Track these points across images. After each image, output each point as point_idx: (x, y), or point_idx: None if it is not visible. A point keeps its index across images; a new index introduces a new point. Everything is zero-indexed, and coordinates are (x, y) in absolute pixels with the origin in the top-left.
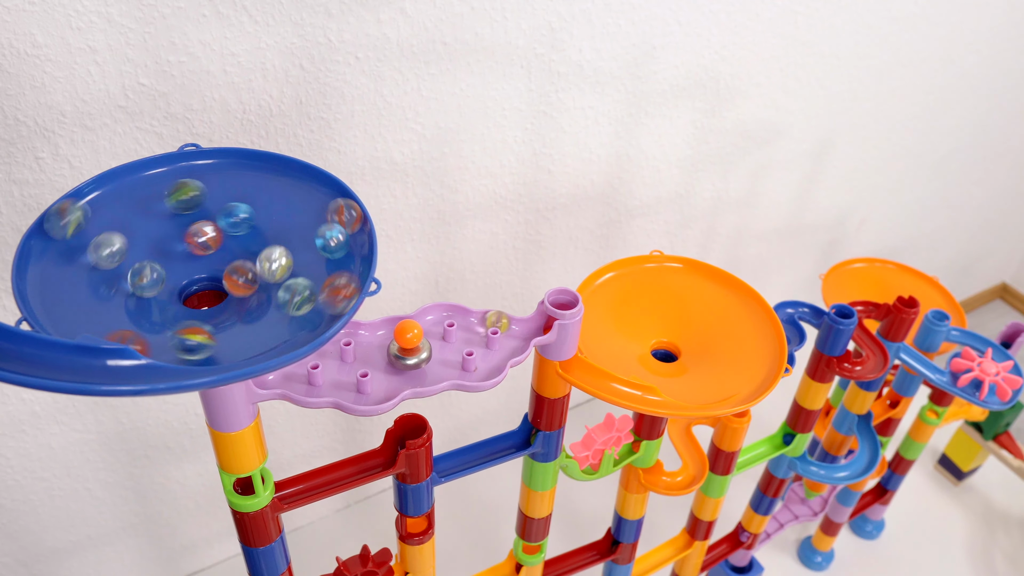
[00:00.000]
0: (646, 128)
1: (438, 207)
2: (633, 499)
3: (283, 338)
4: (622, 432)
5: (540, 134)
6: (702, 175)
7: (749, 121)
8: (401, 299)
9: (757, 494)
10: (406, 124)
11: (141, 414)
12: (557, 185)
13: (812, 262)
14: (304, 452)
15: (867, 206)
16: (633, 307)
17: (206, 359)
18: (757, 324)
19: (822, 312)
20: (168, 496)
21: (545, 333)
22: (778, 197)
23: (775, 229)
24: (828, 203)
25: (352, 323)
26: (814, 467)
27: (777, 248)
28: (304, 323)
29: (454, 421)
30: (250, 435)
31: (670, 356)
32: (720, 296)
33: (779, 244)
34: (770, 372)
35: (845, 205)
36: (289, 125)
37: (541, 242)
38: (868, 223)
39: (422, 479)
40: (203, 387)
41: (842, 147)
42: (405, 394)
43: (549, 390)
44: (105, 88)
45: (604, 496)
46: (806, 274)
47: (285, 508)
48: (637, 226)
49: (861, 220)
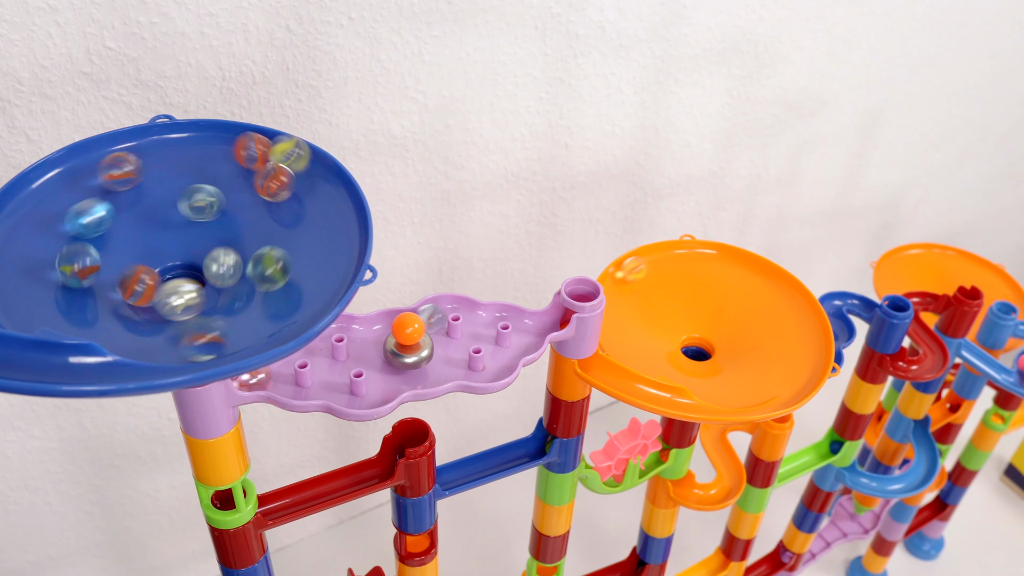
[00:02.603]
0: (676, 98)
1: (442, 186)
2: (661, 514)
3: (267, 332)
4: (648, 439)
5: (556, 104)
6: (738, 151)
7: (791, 90)
8: (400, 290)
9: (801, 509)
10: (406, 93)
11: (108, 419)
12: (576, 161)
13: (862, 248)
14: (291, 462)
15: (924, 185)
16: (661, 299)
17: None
18: (800, 318)
19: (873, 304)
20: (138, 511)
21: (562, 328)
22: (824, 175)
23: (821, 211)
24: (880, 182)
25: (345, 317)
26: (865, 478)
27: (823, 232)
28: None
29: (460, 427)
30: (230, 442)
31: (702, 354)
32: (759, 286)
33: (825, 228)
34: (815, 372)
35: (899, 184)
36: (274, 94)
37: (558, 226)
38: (925, 204)
39: (424, 492)
40: (176, 387)
41: (896, 119)
42: (404, 396)
43: (566, 392)
44: (67, 52)
45: (628, 511)
46: (855, 262)
47: (270, 525)
48: (665, 207)
49: (917, 201)
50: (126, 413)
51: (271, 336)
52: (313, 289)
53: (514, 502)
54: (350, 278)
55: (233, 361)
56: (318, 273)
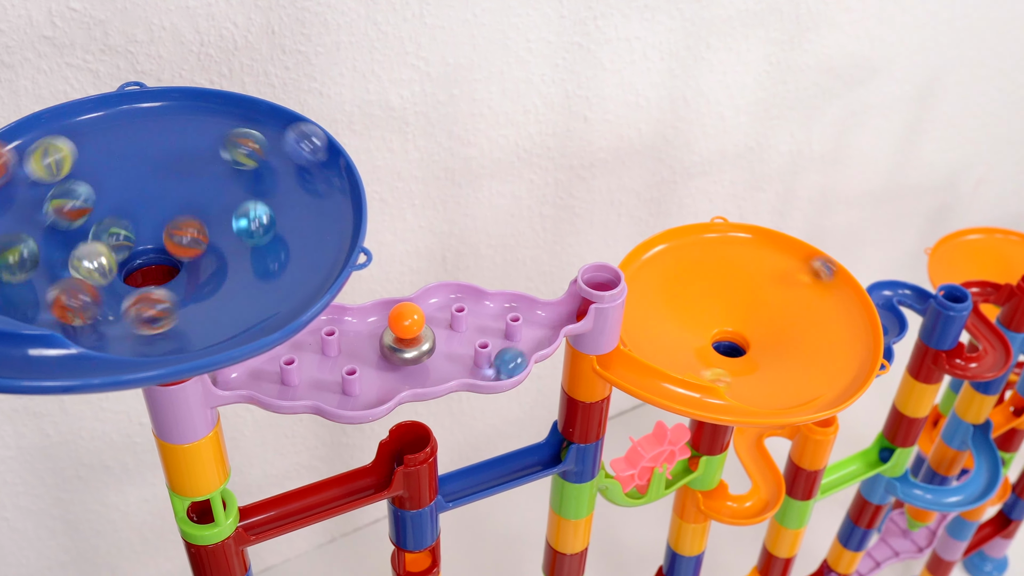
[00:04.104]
0: (708, 65)
1: (446, 164)
2: (690, 530)
3: (248, 323)
4: (676, 445)
5: (574, 72)
6: (778, 124)
7: (837, 56)
8: (399, 278)
9: (847, 524)
10: (405, 59)
11: (72, 423)
12: (596, 136)
13: (916, 233)
14: (276, 471)
15: (985, 163)
16: (690, 287)
17: (167, 336)
18: (846, 310)
19: (928, 295)
20: (106, 527)
21: (579, 320)
22: (873, 152)
23: (869, 192)
24: (936, 159)
25: (336, 307)
26: (918, 490)
27: (872, 215)
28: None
29: (465, 432)
30: (207, 448)
31: (736, 350)
32: (799, 274)
33: (874, 210)
34: (862, 370)
35: (957, 162)
36: (258, 61)
37: (575, 208)
38: (986, 184)
39: (425, 504)
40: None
41: (953, 88)
42: (403, 396)
43: (584, 392)
44: (27, 14)
45: (654, 527)
46: (908, 248)
47: (252, 541)
48: (696, 187)
49: (978, 180)
50: (92, 417)
51: (252, 327)
52: (300, 275)
53: (526, 516)
54: (341, 262)
55: (211, 354)
56: (306, 257)
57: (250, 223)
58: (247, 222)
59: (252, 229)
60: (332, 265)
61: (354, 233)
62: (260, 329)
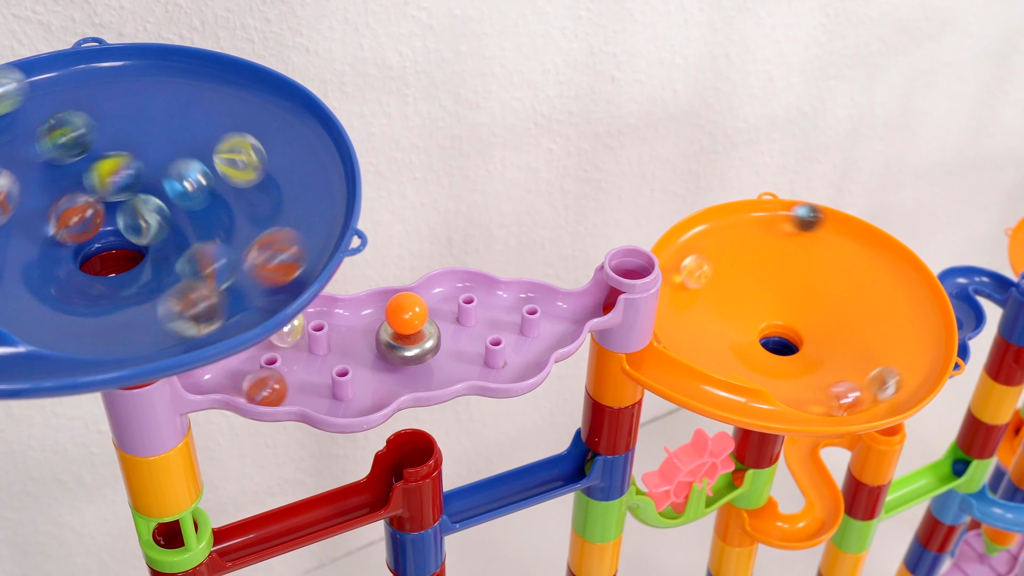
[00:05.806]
0: (754, 17)
1: (452, 131)
2: (735, 554)
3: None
4: (718, 457)
5: (600, 25)
6: (835, 85)
7: (902, 7)
8: (398, 264)
9: (915, 548)
10: (404, 11)
11: (20, 432)
12: (625, 100)
13: (995, 211)
14: (256, 487)
15: None
16: (734, 275)
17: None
18: (914, 300)
19: (1009, 283)
20: (59, 550)
21: (605, 313)
22: (946, 117)
23: (941, 163)
24: (1017, 126)
25: (326, 298)
26: (998, 508)
27: (944, 191)
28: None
29: (474, 441)
30: (177, 461)
31: (788, 346)
32: (860, 260)
33: (946, 185)
34: (932, 370)
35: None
36: (235, 12)
37: (601, 182)
38: None
39: (428, 525)
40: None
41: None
42: (402, 400)
43: (612, 396)
44: None
45: (693, 550)
46: (986, 229)
47: (228, 568)
48: (740, 158)
49: None
50: (43, 424)
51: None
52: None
53: (544, 539)
54: (332, 247)
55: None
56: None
57: (183, 185)
58: (180, 185)
59: (188, 191)
60: (321, 249)
61: (346, 212)
62: (236, 324)
